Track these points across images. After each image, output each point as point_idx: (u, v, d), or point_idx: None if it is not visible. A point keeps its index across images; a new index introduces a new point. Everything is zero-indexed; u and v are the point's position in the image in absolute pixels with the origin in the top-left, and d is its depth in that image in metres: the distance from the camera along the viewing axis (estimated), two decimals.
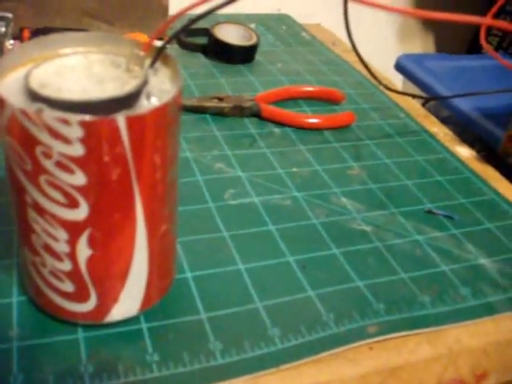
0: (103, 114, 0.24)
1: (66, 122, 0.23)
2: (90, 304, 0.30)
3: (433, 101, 0.65)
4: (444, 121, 0.64)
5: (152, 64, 0.27)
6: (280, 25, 0.78)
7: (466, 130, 0.66)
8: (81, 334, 0.31)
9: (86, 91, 0.25)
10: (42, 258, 0.28)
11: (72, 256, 0.27)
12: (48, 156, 0.24)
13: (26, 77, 0.25)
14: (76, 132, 0.23)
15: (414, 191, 0.47)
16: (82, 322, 0.31)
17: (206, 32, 0.63)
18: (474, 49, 1.03)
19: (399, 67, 0.76)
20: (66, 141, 0.23)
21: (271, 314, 0.34)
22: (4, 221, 0.38)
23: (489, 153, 0.62)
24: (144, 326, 0.32)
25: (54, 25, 0.60)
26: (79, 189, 0.25)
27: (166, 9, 0.63)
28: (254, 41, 0.63)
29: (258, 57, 0.66)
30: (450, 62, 0.79)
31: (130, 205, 0.26)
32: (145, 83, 0.26)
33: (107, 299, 0.30)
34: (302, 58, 0.69)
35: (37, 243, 0.28)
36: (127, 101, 0.25)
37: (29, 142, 0.24)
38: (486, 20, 0.25)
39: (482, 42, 0.41)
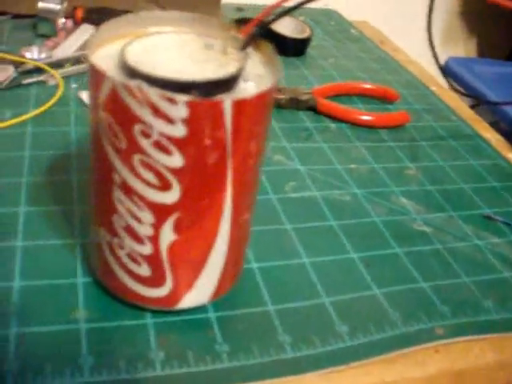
0: (204, 96, 0.23)
1: (172, 100, 0.22)
2: (164, 290, 0.29)
3: (483, 105, 0.64)
4: (491, 126, 0.63)
5: (245, 47, 0.27)
6: (328, 20, 0.78)
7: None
8: (149, 320, 0.30)
9: (181, 71, 0.25)
10: (121, 240, 0.28)
11: (154, 239, 0.27)
12: (147, 135, 0.23)
13: (121, 53, 0.25)
14: (181, 112, 0.23)
15: (470, 195, 0.47)
16: (153, 307, 0.30)
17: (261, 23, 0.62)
18: None
19: (447, 70, 0.75)
20: (169, 120, 0.23)
21: (338, 309, 0.33)
22: (64, 199, 0.37)
23: None
24: (212, 315, 0.31)
25: (108, 5, 0.59)
26: (174, 171, 0.24)
27: None
28: (307, 34, 0.62)
29: (309, 50, 0.65)
30: (498, 68, 0.78)
31: (221, 190, 0.26)
32: (244, 67, 0.25)
33: (182, 286, 0.29)
34: (352, 55, 0.68)
35: (117, 224, 0.27)
36: (229, 83, 0.24)
37: (128, 119, 0.23)
38: None
39: None
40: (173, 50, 0.26)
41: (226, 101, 0.23)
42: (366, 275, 0.36)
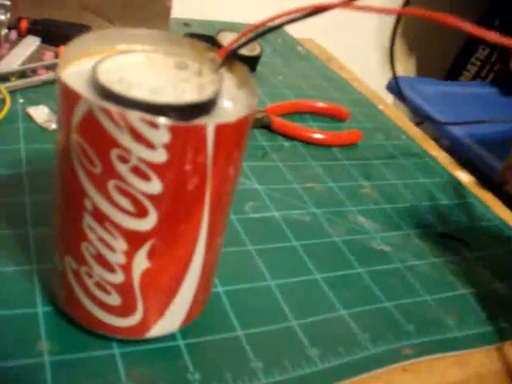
0: (183, 119, 0.22)
1: (153, 125, 0.21)
2: (134, 319, 0.28)
3: (428, 123, 0.66)
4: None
5: (220, 68, 0.26)
6: (275, 37, 0.78)
7: (454, 154, 0.67)
8: (116, 350, 0.29)
9: (157, 92, 0.24)
10: (90, 268, 0.26)
11: (127, 268, 0.26)
12: (124, 160, 0.23)
13: (93, 72, 0.24)
14: (162, 137, 0.22)
15: (424, 213, 0.48)
16: (121, 337, 0.29)
17: (211, 40, 0.62)
18: (453, 75, 1.06)
19: (391, 88, 0.77)
20: (150, 145, 0.22)
21: (307, 332, 0.33)
22: (17, 222, 0.35)
23: (478, 177, 0.63)
24: (181, 342, 0.30)
25: (54, 17, 0.57)
26: (152, 197, 0.23)
27: (168, 11, 0.62)
28: (258, 51, 0.62)
29: (259, 68, 0.65)
30: (439, 87, 0.80)
31: (198, 216, 0.25)
32: (220, 88, 0.25)
33: (153, 314, 0.28)
34: (301, 73, 0.69)
35: (87, 252, 0.26)
36: (208, 106, 0.24)
37: (105, 143, 0.22)
38: None
39: None
40: (145, 69, 0.25)
41: (210, 125, 0.22)
42: (331, 296, 0.36)
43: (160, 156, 0.22)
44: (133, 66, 0.25)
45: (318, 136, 0.52)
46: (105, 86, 0.23)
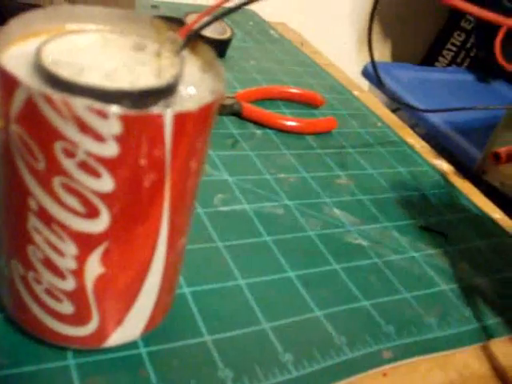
0: (138, 107, 0.20)
1: (102, 114, 0.19)
2: (89, 328, 0.25)
3: (405, 110, 0.64)
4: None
5: (182, 50, 0.23)
6: (247, 20, 0.75)
7: (430, 142, 0.65)
8: (71, 361, 0.26)
9: (110, 77, 0.21)
10: (38, 274, 0.24)
11: (78, 274, 0.23)
12: (70, 154, 0.20)
13: (37, 54, 0.21)
14: (112, 128, 0.19)
15: (402, 205, 0.45)
16: (76, 347, 0.26)
17: (179, 22, 0.58)
18: (428, 61, 1.04)
19: (367, 74, 0.75)
20: (98, 137, 0.19)
21: (280, 336, 0.31)
22: None
23: (456, 166, 0.62)
24: (143, 350, 0.28)
25: None
26: (103, 196, 0.21)
27: None
28: (228, 35, 0.59)
29: (229, 52, 0.62)
30: (414, 73, 0.78)
31: (156, 216, 0.22)
32: (181, 72, 0.22)
33: (110, 322, 0.25)
34: (273, 57, 0.66)
35: (34, 256, 0.23)
36: (166, 92, 0.21)
37: (48, 135, 0.20)
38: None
39: (499, 55, 0.39)
40: (97, 51, 0.23)
41: (167, 114, 0.19)
42: (305, 296, 0.34)
43: (110, 149, 0.20)
44: (84, 48, 0.23)
45: (291, 123, 0.50)
46: (48, 69, 0.20)
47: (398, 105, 0.70)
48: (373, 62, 0.41)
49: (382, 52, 1.05)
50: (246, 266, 0.34)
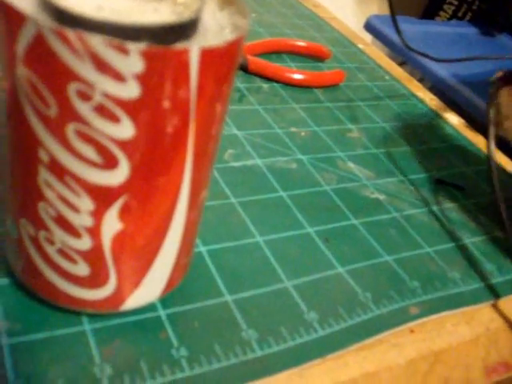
0: (159, 44, 0.18)
1: (122, 50, 0.17)
2: (107, 290, 0.24)
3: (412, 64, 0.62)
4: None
5: None
6: None
7: (438, 96, 0.64)
8: (87, 326, 0.25)
9: (126, 12, 0.19)
10: (50, 233, 0.22)
11: (95, 232, 0.21)
12: (86, 97, 0.18)
13: None
14: (133, 65, 0.17)
15: (416, 158, 0.44)
16: (92, 311, 0.24)
17: None
18: (429, 15, 1.01)
19: (369, 27, 0.72)
20: (117, 77, 0.17)
21: (303, 294, 0.29)
22: None
23: (465, 119, 0.60)
24: (162, 313, 0.26)
25: None
26: (122, 144, 0.19)
27: None
28: None
29: None
30: (418, 26, 0.76)
31: (179, 165, 0.21)
32: (202, 8, 0.20)
33: (128, 284, 0.24)
34: (274, 10, 0.63)
35: (45, 214, 0.21)
36: (189, 29, 0.19)
37: (60, 76, 0.18)
38: None
39: None
40: None
41: (194, 49, 0.17)
42: (326, 252, 0.32)
43: (131, 90, 0.18)
44: None
45: (298, 76, 0.47)
46: (58, 4, 0.18)
47: (404, 58, 0.67)
48: (393, 15, 0.39)
49: (381, 6, 1.02)
50: (262, 223, 0.33)
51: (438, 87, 0.64)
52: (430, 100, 0.54)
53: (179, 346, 0.25)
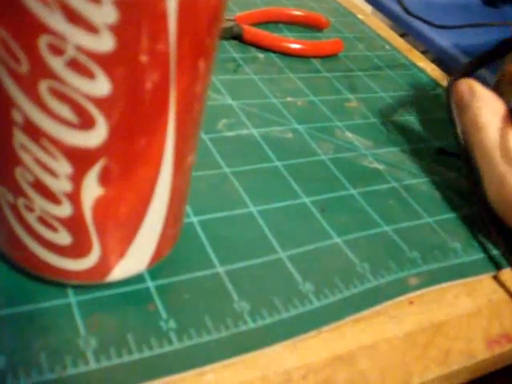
0: None
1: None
2: (91, 260, 0.23)
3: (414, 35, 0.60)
4: None
5: None
6: None
7: (440, 67, 0.62)
8: (72, 299, 0.24)
9: None
10: (29, 200, 0.21)
11: (74, 197, 0.20)
12: (57, 51, 0.17)
13: None
14: (107, 16, 0.16)
15: (417, 128, 0.43)
16: (77, 282, 0.24)
17: None
18: None
19: None
20: (90, 28, 0.16)
21: (298, 265, 0.28)
22: None
23: None
24: (150, 284, 0.25)
25: None
26: (98, 101, 0.18)
27: None
28: None
29: None
30: None
31: (162, 126, 0.19)
32: None
33: (113, 253, 0.23)
34: None
35: (22, 179, 0.20)
36: None
37: (29, 29, 0.16)
38: None
39: None
40: None
41: None
42: (322, 222, 0.31)
43: (105, 43, 0.16)
44: None
45: (295, 46, 0.46)
46: None
47: (405, 29, 0.66)
48: None
49: None
50: (256, 193, 0.32)
51: (439, 58, 0.63)
52: (432, 70, 0.53)
53: (168, 319, 0.24)
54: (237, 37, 0.46)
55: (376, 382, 0.25)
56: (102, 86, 0.17)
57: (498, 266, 0.32)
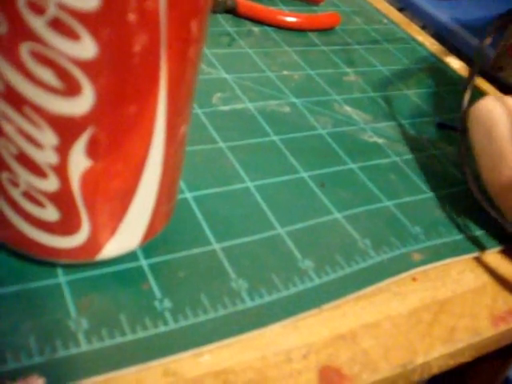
0: None
1: None
2: (80, 237, 0.21)
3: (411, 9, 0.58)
4: None
5: None
6: None
7: (438, 41, 0.61)
8: (62, 278, 0.23)
9: None
10: (13, 174, 0.20)
11: (61, 170, 0.19)
12: (38, 10, 0.15)
13: None
14: None
15: (416, 102, 0.41)
16: (66, 261, 0.22)
17: None
18: None
19: None
20: None
21: (298, 241, 0.27)
22: None
23: (467, 64, 0.57)
24: (144, 262, 0.24)
25: None
26: (84, 65, 0.16)
27: None
28: None
29: None
30: None
31: (153, 93, 0.18)
32: None
33: (103, 230, 0.22)
34: None
35: (6, 152, 0.19)
36: None
37: None
38: None
39: None
40: None
41: None
42: (322, 197, 0.30)
43: (89, 1, 0.15)
44: None
45: (291, 19, 0.45)
46: None
47: (403, 3, 0.64)
48: None
49: None
50: (253, 168, 0.31)
51: (438, 32, 0.61)
52: (431, 44, 0.52)
53: (163, 298, 0.23)
54: (231, 10, 0.44)
55: (379, 361, 0.24)
56: (87, 48, 0.16)
57: (501, 243, 0.31)
